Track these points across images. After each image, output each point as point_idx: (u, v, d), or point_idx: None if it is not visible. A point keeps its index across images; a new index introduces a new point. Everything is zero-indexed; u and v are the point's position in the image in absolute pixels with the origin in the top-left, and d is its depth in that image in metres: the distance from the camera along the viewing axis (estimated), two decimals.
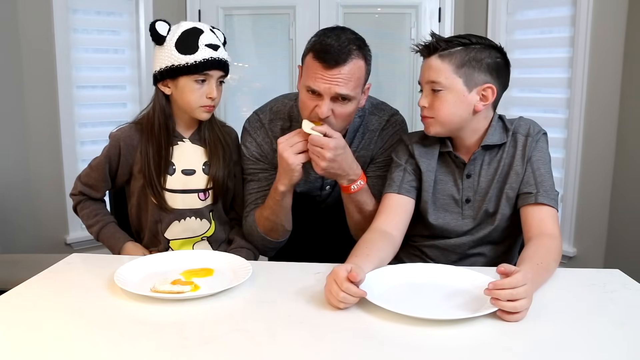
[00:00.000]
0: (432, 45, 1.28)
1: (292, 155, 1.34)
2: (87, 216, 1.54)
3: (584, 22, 2.40)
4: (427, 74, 1.29)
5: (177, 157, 1.49)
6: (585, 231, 2.54)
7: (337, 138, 1.33)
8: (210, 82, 1.43)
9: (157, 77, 1.45)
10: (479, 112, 1.29)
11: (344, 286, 1.01)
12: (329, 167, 1.33)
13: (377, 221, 1.34)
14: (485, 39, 1.29)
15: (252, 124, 1.56)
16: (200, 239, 1.54)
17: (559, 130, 2.58)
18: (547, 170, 1.31)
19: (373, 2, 2.98)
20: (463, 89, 1.26)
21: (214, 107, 1.47)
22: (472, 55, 1.25)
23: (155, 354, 0.87)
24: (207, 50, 1.41)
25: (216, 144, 1.53)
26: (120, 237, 1.51)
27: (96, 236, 1.53)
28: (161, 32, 1.42)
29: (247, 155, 1.54)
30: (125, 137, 1.49)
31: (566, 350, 0.89)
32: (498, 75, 1.28)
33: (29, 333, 0.94)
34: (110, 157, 1.50)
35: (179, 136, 1.51)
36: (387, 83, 2.93)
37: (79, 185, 1.54)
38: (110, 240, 1.51)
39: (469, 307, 1.03)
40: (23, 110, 2.56)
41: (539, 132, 1.33)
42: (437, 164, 1.38)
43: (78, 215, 1.57)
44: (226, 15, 3.02)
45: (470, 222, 1.37)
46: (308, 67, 1.34)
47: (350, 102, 1.35)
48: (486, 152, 1.35)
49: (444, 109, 1.27)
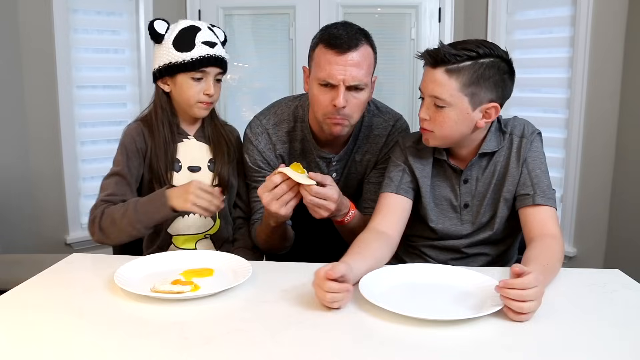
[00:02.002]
0: (440, 56, 1.21)
1: (282, 208, 1.26)
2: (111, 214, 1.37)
3: (584, 22, 2.40)
4: (430, 86, 1.23)
5: (183, 154, 1.50)
6: (585, 231, 2.54)
7: (334, 185, 1.29)
8: (207, 79, 1.44)
9: (156, 75, 1.47)
10: (480, 128, 1.27)
11: (325, 286, 1.00)
12: (330, 214, 1.32)
13: (374, 221, 1.32)
14: (493, 48, 1.22)
15: (253, 130, 1.52)
16: (203, 236, 1.54)
17: (559, 130, 2.58)
18: (543, 170, 1.31)
19: (373, 2, 2.98)
20: (467, 107, 1.22)
21: (212, 104, 1.48)
22: (480, 72, 1.20)
23: (155, 354, 0.87)
24: (204, 48, 1.42)
25: (220, 140, 1.54)
26: (157, 192, 1.38)
27: (133, 217, 1.34)
28: (159, 31, 1.44)
29: (250, 163, 1.52)
30: (135, 135, 1.47)
31: (566, 350, 0.89)
32: (504, 91, 1.24)
33: (29, 333, 0.93)
34: (127, 153, 1.45)
35: (184, 133, 1.52)
36: (387, 83, 2.93)
37: (99, 200, 1.42)
38: (149, 203, 1.36)
39: (469, 307, 1.03)
40: (23, 110, 2.57)
41: (533, 133, 1.33)
42: (433, 170, 1.37)
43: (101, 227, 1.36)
44: (226, 15, 3.02)
45: (469, 227, 1.36)
46: (319, 59, 1.34)
47: (364, 90, 1.35)
48: (483, 157, 1.34)
49: (445, 125, 1.24)
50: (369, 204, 1.48)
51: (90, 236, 1.41)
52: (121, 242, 1.42)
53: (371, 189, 1.51)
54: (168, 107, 1.48)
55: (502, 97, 1.25)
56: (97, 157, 2.85)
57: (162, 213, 1.35)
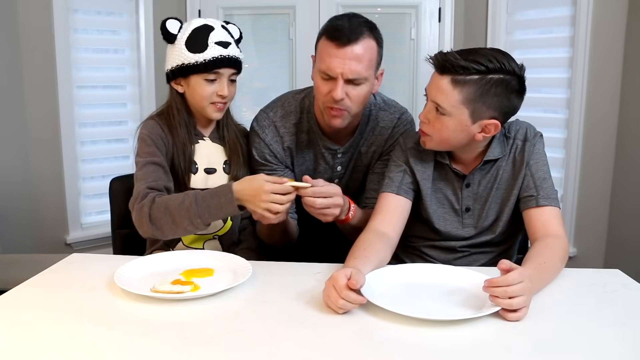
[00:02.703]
0: (447, 66, 1.19)
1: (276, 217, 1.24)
2: (165, 203, 1.27)
3: (584, 22, 2.40)
4: (434, 92, 1.23)
5: (199, 155, 1.48)
6: (585, 231, 2.54)
7: (329, 184, 1.28)
8: (221, 80, 1.41)
9: (169, 75, 1.45)
10: (478, 141, 1.26)
11: (343, 293, 0.99)
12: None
13: (374, 221, 1.32)
14: (504, 64, 1.18)
15: (260, 123, 1.52)
16: (212, 236, 1.53)
17: (559, 130, 2.58)
18: (546, 171, 1.31)
19: (373, 2, 2.98)
20: (467, 119, 1.21)
21: (226, 105, 1.45)
22: (485, 88, 1.17)
23: (155, 354, 0.87)
24: (217, 48, 1.39)
25: (235, 143, 1.53)
26: (222, 186, 1.28)
27: (193, 209, 1.24)
28: (172, 31, 1.41)
29: (257, 156, 1.52)
30: (157, 129, 1.42)
31: (566, 350, 0.89)
32: (508, 108, 1.22)
33: (29, 333, 0.94)
34: (155, 144, 1.39)
35: (200, 134, 1.50)
36: (386, 83, 2.88)
37: (142, 188, 1.31)
38: (212, 198, 1.25)
39: (469, 307, 1.03)
40: (23, 110, 2.56)
41: (535, 136, 1.33)
42: (434, 172, 1.37)
43: (153, 218, 1.26)
44: (226, 15, 3.01)
45: (471, 230, 1.36)
46: (321, 49, 1.35)
47: (364, 84, 1.35)
48: (487, 163, 1.33)
49: (442, 132, 1.24)
50: (371, 194, 1.49)
51: (138, 229, 1.30)
52: (174, 237, 1.33)
53: (375, 179, 1.52)
54: (184, 108, 1.46)
55: (505, 115, 1.24)
56: (97, 157, 2.84)
57: (227, 210, 1.25)
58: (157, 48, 2.77)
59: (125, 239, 1.64)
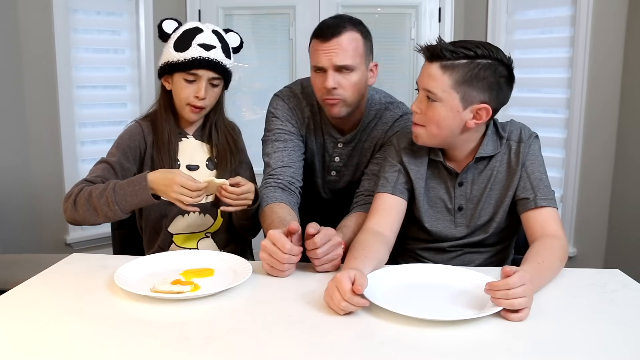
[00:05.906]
0: (437, 51, 1.21)
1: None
2: (89, 191, 1.33)
3: (584, 22, 2.40)
4: (425, 80, 1.24)
5: (182, 152, 1.52)
6: (585, 231, 2.54)
7: (333, 232, 1.24)
8: (199, 81, 1.43)
9: (159, 72, 1.51)
10: (470, 128, 1.26)
11: (346, 296, 0.99)
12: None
13: (371, 221, 1.32)
14: (493, 51, 1.22)
15: (282, 94, 1.60)
16: (204, 235, 1.54)
17: (559, 130, 2.58)
18: (542, 172, 1.31)
19: (373, 2, 2.98)
20: (458, 105, 1.22)
21: (203, 108, 1.47)
22: (475, 72, 1.20)
23: (155, 354, 0.87)
24: (198, 49, 1.42)
25: (225, 146, 1.54)
26: (138, 175, 1.34)
27: (111, 196, 1.30)
28: (166, 30, 1.47)
29: (276, 115, 1.56)
30: (135, 133, 1.50)
31: (566, 350, 0.89)
32: (498, 93, 1.23)
33: (29, 332, 0.94)
34: (123, 149, 1.48)
35: (183, 132, 1.53)
36: (386, 83, 2.92)
37: (80, 180, 1.40)
38: (129, 185, 1.31)
39: (469, 308, 1.03)
40: (23, 110, 2.57)
41: (530, 137, 1.32)
42: (428, 171, 1.37)
43: (75, 203, 1.33)
44: (226, 15, 3.01)
45: (463, 230, 1.36)
46: (311, 49, 1.46)
47: (354, 72, 1.42)
48: (479, 161, 1.33)
49: (434, 121, 1.24)
50: (361, 194, 1.49)
51: (63, 213, 1.37)
52: (95, 224, 1.35)
53: (366, 179, 1.52)
54: (169, 106, 1.50)
55: (496, 101, 1.24)
56: (97, 157, 2.76)
57: (141, 197, 1.30)
58: (157, 48, 2.75)
59: (125, 239, 1.64)
